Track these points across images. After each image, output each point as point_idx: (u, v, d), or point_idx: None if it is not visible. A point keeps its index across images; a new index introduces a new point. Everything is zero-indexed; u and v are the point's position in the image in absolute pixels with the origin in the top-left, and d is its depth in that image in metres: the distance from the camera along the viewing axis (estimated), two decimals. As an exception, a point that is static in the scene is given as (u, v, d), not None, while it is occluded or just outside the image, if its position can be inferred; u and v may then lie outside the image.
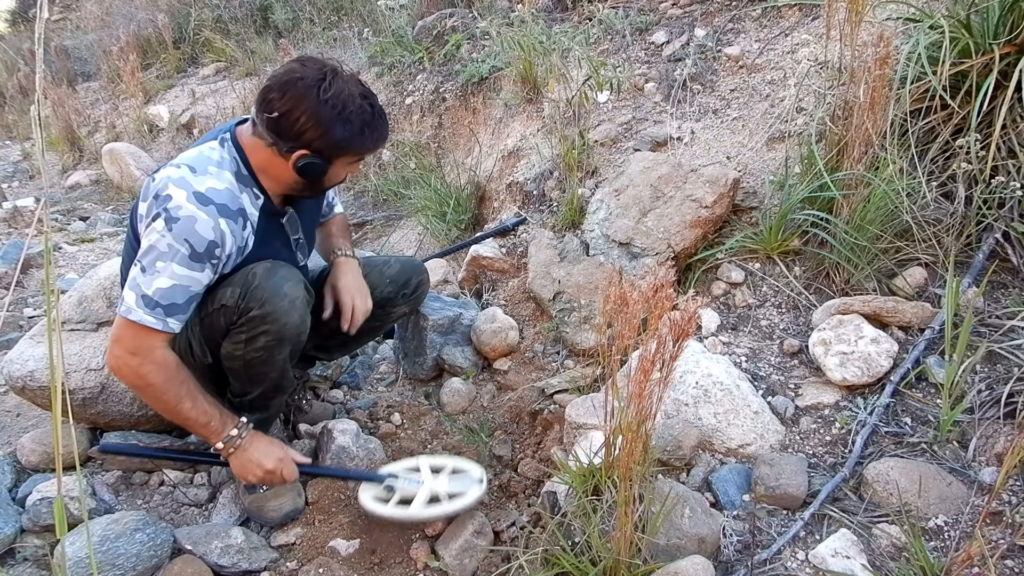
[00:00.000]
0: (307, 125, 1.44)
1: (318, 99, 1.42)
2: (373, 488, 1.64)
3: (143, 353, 1.43)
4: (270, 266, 1.52)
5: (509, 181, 3.02)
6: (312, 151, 1.47)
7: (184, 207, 1.40)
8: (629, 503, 1.23)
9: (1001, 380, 1.57)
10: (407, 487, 1.62)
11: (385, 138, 1.58)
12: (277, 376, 1.61)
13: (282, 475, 1.59)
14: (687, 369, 1.75)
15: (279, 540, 1.67)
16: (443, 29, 3.97)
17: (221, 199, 1.45)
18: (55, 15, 8.57)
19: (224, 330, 1.53)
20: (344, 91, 1.46)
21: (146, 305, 1.41)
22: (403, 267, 2.01)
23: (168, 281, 1.40)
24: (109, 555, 1.47)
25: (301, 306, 1.54)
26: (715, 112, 2.62)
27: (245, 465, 1.56)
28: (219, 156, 1.51)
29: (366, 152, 1.57)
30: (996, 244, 1.81)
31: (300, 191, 1.59)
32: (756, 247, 2.11)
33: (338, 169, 1.55)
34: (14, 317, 2.88)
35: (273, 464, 1.57)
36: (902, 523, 1.34)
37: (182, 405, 1.48)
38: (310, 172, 1.50)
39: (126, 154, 4.91)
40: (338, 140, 1.47)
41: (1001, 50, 1.81)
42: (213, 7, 6.09)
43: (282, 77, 1.45)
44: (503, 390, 2.18)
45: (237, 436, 1.55)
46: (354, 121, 1.46)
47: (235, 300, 1.48)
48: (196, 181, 1.44)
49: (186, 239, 1.40)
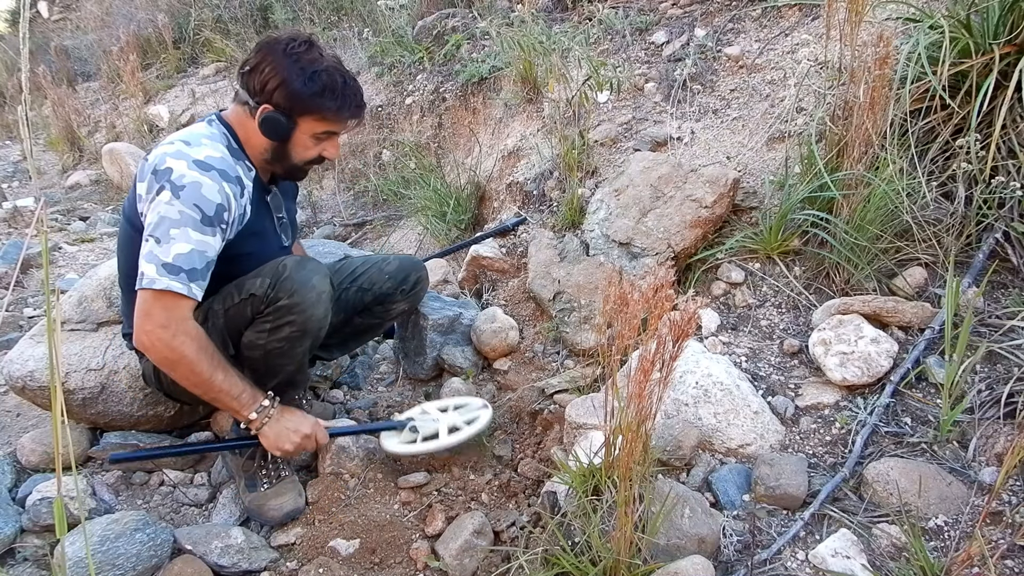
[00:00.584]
0: (270, 75, 1.48)
1: (284, 52, 1.48)
2: (396, 435, 1.76)
3: (175, 324, 1.43)
4: (300, 259, 1.56)
5: (509, 181, 3.02)
6: (274, 105, 1.50)
7: (187, 174, 1.42)
8: (629, 503, 1.23)
9: (1001, 380, 1.57)
10: (428, 426, 1.75)
11: (353, 110, 1.57)
12: (294, 369, 1.64)
13: (316, 439, 1.63)
14: (687, 369, 1.75)
15: (279, 540, 1.67)
16: (443, 29, 3.97)
17: (221, 164, 1.48)
18: (55, 15, 8.57)
19: (249, 319, 1.55)
20: (314, 55, 1.50)
21: (169, 272, 1.41)
22: (401, 264, 2.01)
23: (186, 246, 1.42)
24: (109, 555, 1.47)
25: (327, 300, 1.57)
26: (715, 112, 2.62)
27: (280, 433, 1.59)
28: (209, 131, 1.55)
29: (331, 118, 1.55)
30: (996, 244, 1.81)
31: (273, 163, 1.61)
32: (756, 247, 2.11)
33: (303, 136, 1.55)
34: (14, 317, 2.88)
35: (310, 428, 1.61)
36: (902, 523, 1.34)
37: (215, 377, 1.48)
38: (273, 129, 1.52)
39: (126, 154, 4.91)
40: (298, 93, 1.48)
41: (1001, 50, 1.81)
42: (213, 7, 6.09)
43: (261, 39, 1.52)
44: (503, 390, 2.18)
45: (269, 406, 1.58)
46: (317, 80, 1.48)
47: (264, 289, 1.51)
48: (193, 151, 1.46)
49: (195, 204, 1.42)
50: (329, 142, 1.61)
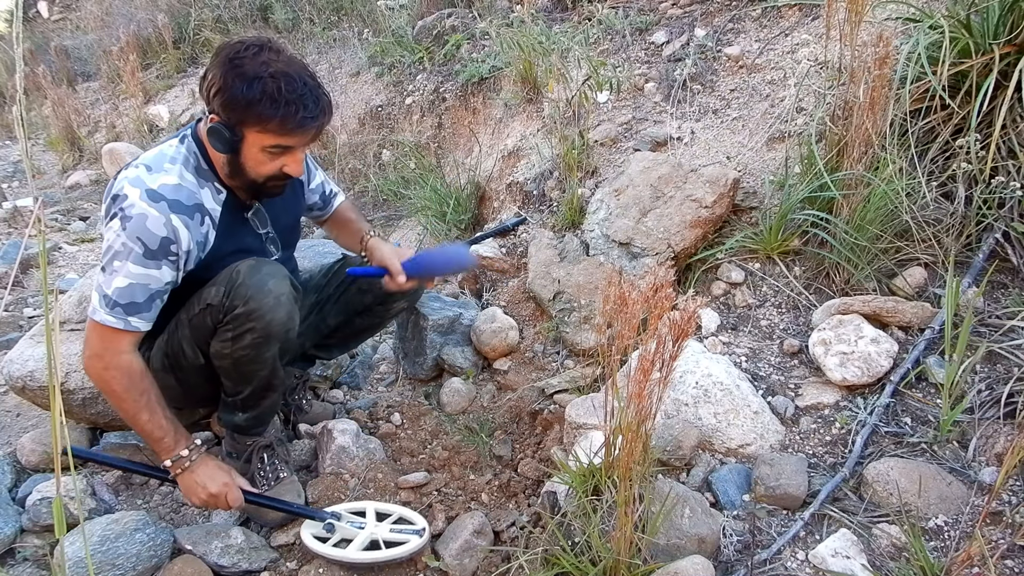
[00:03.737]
0: (212, 82, 1.40)
1: (228, 58, 1.38)
2: (315, 526, 1.62)
3: (108, 356, 1.43)
4: (254, 263, 1.50)
5: (509, 181, 3.03)
6: (218, 116, 1.41)
7: (136, 205, 1.39)
8: (629, 503, 1.23)
9: (1001, 380, 1.57)
10: (345, 530, 1.60)
11: (298, 120, 1.39)
12: (267, 374, 1.59)
13: (226, 500, 1.55)
14: (687, 369, 1.75)
15: (279, 540, 1.67)
16: (443, 29, 3.97)
17: (173, 194, 1.43)
18: (55, 15, 8.57)
19: (212, 329, 1.51)
20: (263, 59, 1.38)
21: (107, 305, 1.41)
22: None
23: (124, 280, 1.40)
24: (109, 555, 1.47)
25: (287, 302, 1.51)
26: (715, 112, 2.62)
27: (191, 486, 1.54)
28: (175, 152, 1.49)
29: (274, 130, 1.40)
30: (996, 244, 1.81)
31: (232, 178, 1.51)
32: (756, 247, 2.11)
33: (253, 150, 1.44)
34: (14, 317, 2.88)
35: (217, 488, 1.53)
36: (902, 523, 1.34)
37: (140, 416, 1.47)
38: (219, 141, 1.43)
39: (126, 154, 4.91)
40: (234, 100, 1.37)
41: (1001, 50, 1.81)
42: (213, 7, 6.09)
43: (219, 45, 1.44)
44: (503, 390, 2.18)
45: (186, 457, 1.52)
46: (255, 87, 1.36)
47: (219, 299, 1.47)
48: (150, 179, 1.43)
49: (138, 237, 1.39)
50: (288, 156, 1.47)
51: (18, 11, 0.62)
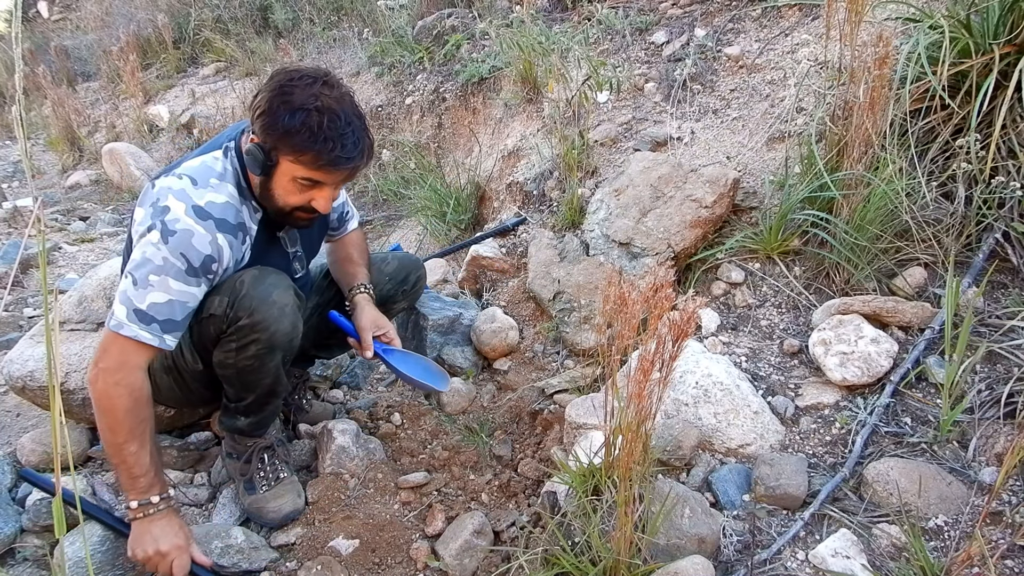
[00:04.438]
0: (259, 103, 1.40)
1: (280, 85, 1.38)
2: None
3: (123, 372, 1.37)
4: (257, 273, 1.48)
5: (509, 181, 3.03)
6: (259, 137, 1.41)
7: (182, 220, 1.37)
8: (629, 503, 1.23)
9: (1001, 380, 1.57)
10: None
11: (332, 158, 1.38)
12: (271, 382, 1.58)
13: (169, 565, 1.41)
14: (687, 369, 1.75)
15: (279, 540, 1.67)
16: (443, 29, 3.97)
17: (220, 213, 1.42)
18: (55, 15, 8.57)
19: (214, 339, 1.50)
20: (315, 92, 1.37)
21: (140, 320, 1.36)
22: (401, 263, 2.02)
23: (163, 296, 1.37)
24: (109, 555, 1.47)
25: (291, 312, 1.50)
26: (715, 112, 2.62)
27: (141, 536, 1.42)
28: (222, 167, 1.47)
29: (307, 163, 1.40)
30: (996, 244, 1.81)
31: (263, 201, 1.50)
32: (756, 247, 2.11)
33: (283, 178, 1.43)
34: (14, 317, 2.88)
35: (167, 548, 1.40)
36: (902, 523, 1.34)
37: (128, 445, 1.38)
38: (253, 162, 1.42)
39: (126, 154, 4.92)
40: (273, 126, 1.37)
41: (1001, 50, 1.81)
42: (213, 7, 6.09)
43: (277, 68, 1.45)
44: (503, 390, 2.18)
45: (154, 505, 1.42)
46: (297, 118, 1.35)
47: (223, 310, 1.45)
48: (196, 194, 1.41)
49: (183, 253, 1.37)
50: (318, 191, 1.46)
51: (17, 11, 0.62)
